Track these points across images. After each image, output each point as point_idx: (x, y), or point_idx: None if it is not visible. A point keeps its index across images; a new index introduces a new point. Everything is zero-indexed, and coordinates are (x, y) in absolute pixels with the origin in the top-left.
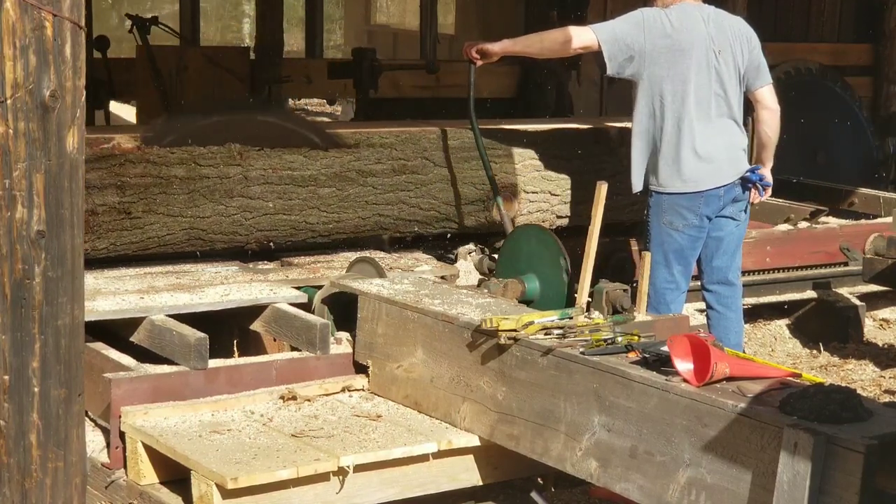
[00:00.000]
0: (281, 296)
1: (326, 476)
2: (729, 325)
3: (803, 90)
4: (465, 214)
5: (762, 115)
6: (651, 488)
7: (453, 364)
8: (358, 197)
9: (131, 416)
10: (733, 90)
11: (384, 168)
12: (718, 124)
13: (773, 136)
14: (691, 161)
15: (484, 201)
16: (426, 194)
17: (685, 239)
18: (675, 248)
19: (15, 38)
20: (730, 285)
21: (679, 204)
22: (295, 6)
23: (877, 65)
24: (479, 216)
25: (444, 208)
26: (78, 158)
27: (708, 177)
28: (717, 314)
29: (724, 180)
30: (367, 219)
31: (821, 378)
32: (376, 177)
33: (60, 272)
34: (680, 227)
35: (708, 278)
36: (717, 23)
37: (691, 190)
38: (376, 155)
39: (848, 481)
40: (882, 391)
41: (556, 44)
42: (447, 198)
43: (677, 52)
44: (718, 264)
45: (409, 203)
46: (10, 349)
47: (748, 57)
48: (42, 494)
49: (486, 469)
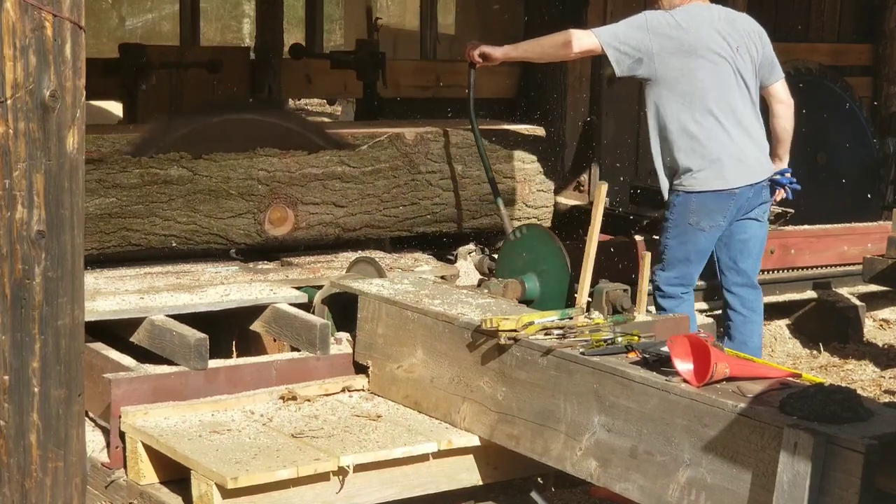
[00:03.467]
0: (281, 296)
1: (326, 476)
2: (754, 328)
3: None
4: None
5: (777, 110)
6: (651, 488)
7: (453, 364)
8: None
9: (131, 416)
10: (753, 86)
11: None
12: (745, 123)
13: (790, 130)
14: (724, 160)
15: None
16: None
17: (709, 239)
18: (698, 249)
19: (15, 38)
20: (754, 288)
21: (708, 204)
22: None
23: (877, 65)
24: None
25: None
26: (78, 158)
27: (740, 175)
28: (742, 317)
29: (755, 178)
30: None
31: (821, 378)
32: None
33: (60, 272)
34: (706, 228)
35: (733, 281)
36: (728, 21)
37: (723, 188)
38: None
39: (848, 481)
40: (882, 391)
41: (557, 48)
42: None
43: (688, 51)
44: (745, 267)
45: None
46: (10, 349)
47: (762, 52)
48: (42, 494)
49: (486, 469)
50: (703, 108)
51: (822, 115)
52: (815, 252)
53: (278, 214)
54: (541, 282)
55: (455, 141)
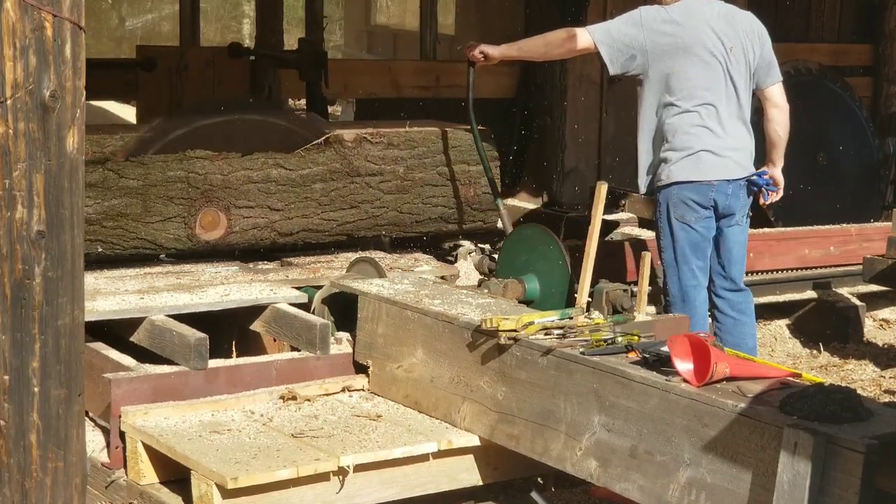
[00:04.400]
0: (281, 296)
1: (326, 476)
2: (746, 329)
3: (803, 90)
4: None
5: (772, 114)
6: (651, 488)
7: (453, 364)
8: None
9: (131, 416)
10: (744, 88)
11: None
12: (727, 123)
13: (784, 135)
14: (701, 153)
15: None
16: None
17: (698, 233)
18: (691, 243)
19: (15, 38)
20: (742, 291)
21: (687, 196)
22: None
23: (877, 65)
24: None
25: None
26: (78, 158)
27: (717, 169)
28: (732, 320)
29: (732, 175)
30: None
31: (821, 378)
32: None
33: (60, 272)
34: (692, 221)
35: (721, 286)
36: (727, 19)
37: (699, 178)
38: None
39: (848, 481)
40: (882, 391)
41: (555, 47)
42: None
43: (681, 48)
44: (731, 272)
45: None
46: (10, 349)
47: (759, 53)
48: (42, 494)
49: (486, 469)
50: (688, 104)
51: (822, 116)
52: (775, 256)
53: (210, 218)
54: (541, 282)
55: (396, 142)
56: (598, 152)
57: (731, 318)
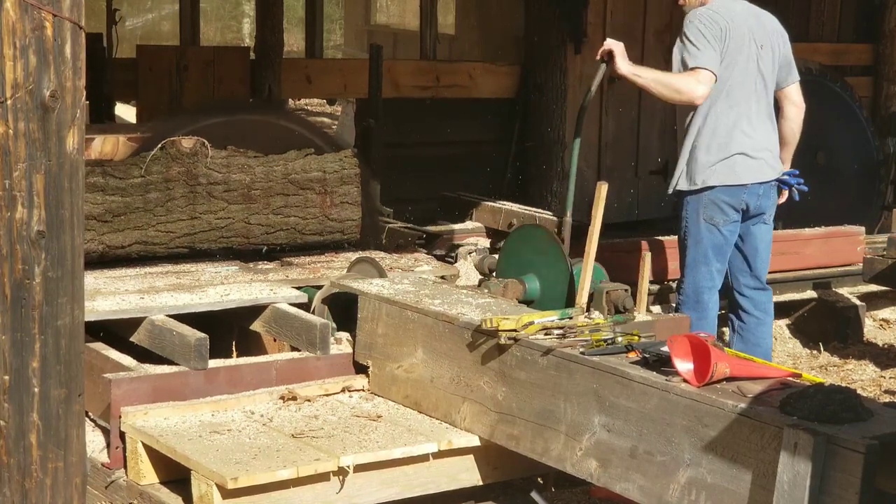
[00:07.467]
0: (281, 296)
1: (326, 476)
2: (766, 329)
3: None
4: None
5: (790, 112)
6: (651, 488)
7: (453, 364)
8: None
9: (131, 417)
10: (771, 87)
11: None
12: (761, 123)
13: (797, 134)
14: (737, 157)
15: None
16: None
17: (724, 236)
18: (714, 245)
19: (15, 38)
20: (766, 290)
21: (720, 199)
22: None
23: (877, 65)
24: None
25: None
26: (78, 159)
27: (752, 171)
28: (755, 320)
29: (766, 177)
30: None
31: (821, 378)
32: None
33: (60, 272)
34: (720, 223)
35: (745, 284)
36: (756, 18)
37: (734, 182)
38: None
39: (848, 481)
40: (882, 391)
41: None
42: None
43: (730, 47)
44: (756, 271)
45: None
46: (10, 349)
47: (782, 53)
48: (42, 494)
49: (486, 469)
50: (728, 102)
51: (822, 116)
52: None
53: None
54: (541, 282)
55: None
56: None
57: (755, 318)
